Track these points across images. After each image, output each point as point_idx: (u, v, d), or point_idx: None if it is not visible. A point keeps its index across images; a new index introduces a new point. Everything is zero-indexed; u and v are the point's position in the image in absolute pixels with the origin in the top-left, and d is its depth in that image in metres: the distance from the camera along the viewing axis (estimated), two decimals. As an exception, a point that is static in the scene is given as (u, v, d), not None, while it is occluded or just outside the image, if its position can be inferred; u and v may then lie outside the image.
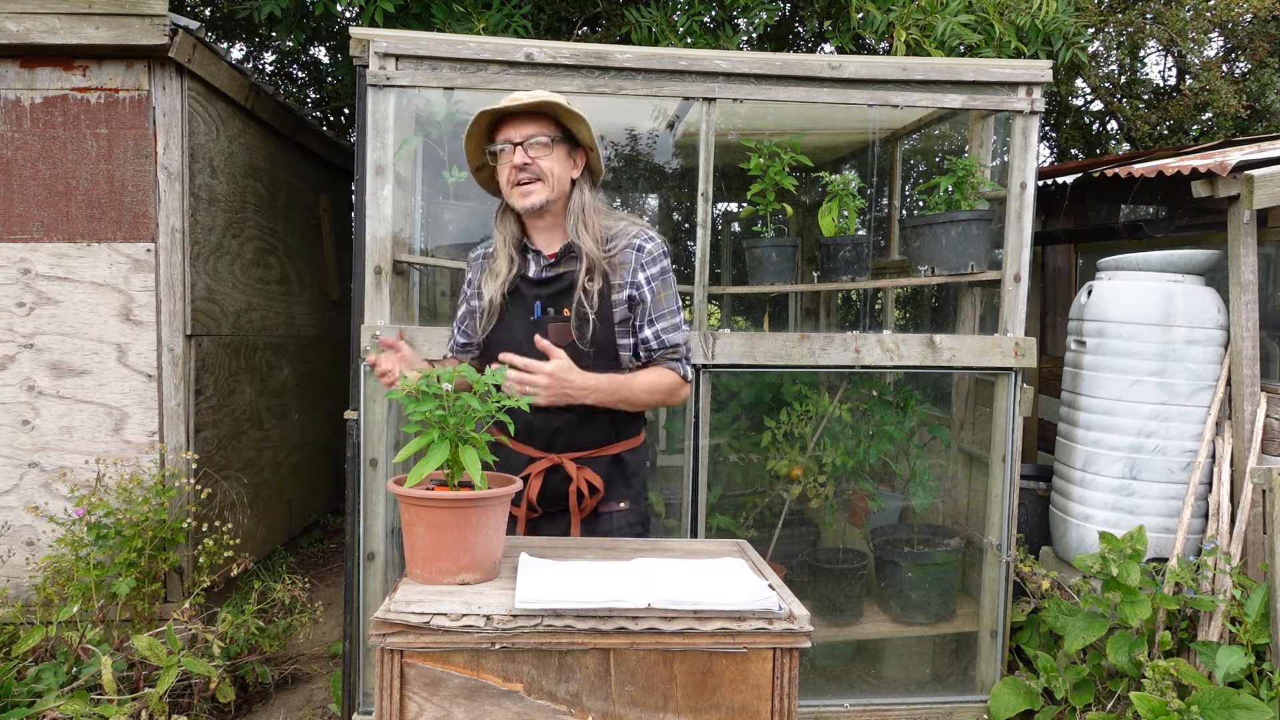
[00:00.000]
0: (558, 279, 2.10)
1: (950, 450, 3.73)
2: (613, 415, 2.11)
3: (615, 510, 2.16)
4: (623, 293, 2.09)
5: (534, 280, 2.12)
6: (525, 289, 2.12)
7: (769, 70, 2.91)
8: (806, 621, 1.47)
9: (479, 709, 1.43)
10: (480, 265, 2.21)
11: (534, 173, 2.03)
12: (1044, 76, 3.03)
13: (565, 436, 2.10)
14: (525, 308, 2.11)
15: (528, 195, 2.04)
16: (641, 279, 2.10)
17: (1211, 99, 6.15)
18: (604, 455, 2.14)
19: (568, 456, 2.10)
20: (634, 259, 2.10)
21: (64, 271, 3.18)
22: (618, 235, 2.12)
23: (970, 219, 3.11)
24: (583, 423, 2.08)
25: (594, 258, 2.06)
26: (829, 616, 3.36)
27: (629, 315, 2.10)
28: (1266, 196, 3.00)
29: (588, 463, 2.11)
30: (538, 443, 2.10)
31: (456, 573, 1.57)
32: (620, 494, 2.17)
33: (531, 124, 2.05)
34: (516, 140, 2.04)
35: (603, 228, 2.10)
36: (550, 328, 2.07)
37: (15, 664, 2.76)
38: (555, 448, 2.10)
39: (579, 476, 2.08)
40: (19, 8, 3.00)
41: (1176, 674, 2.68)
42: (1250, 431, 3.12)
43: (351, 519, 2.90)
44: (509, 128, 2.06)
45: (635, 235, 2.12)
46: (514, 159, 2.03)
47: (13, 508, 3.19)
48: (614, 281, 2.08)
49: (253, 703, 3.18)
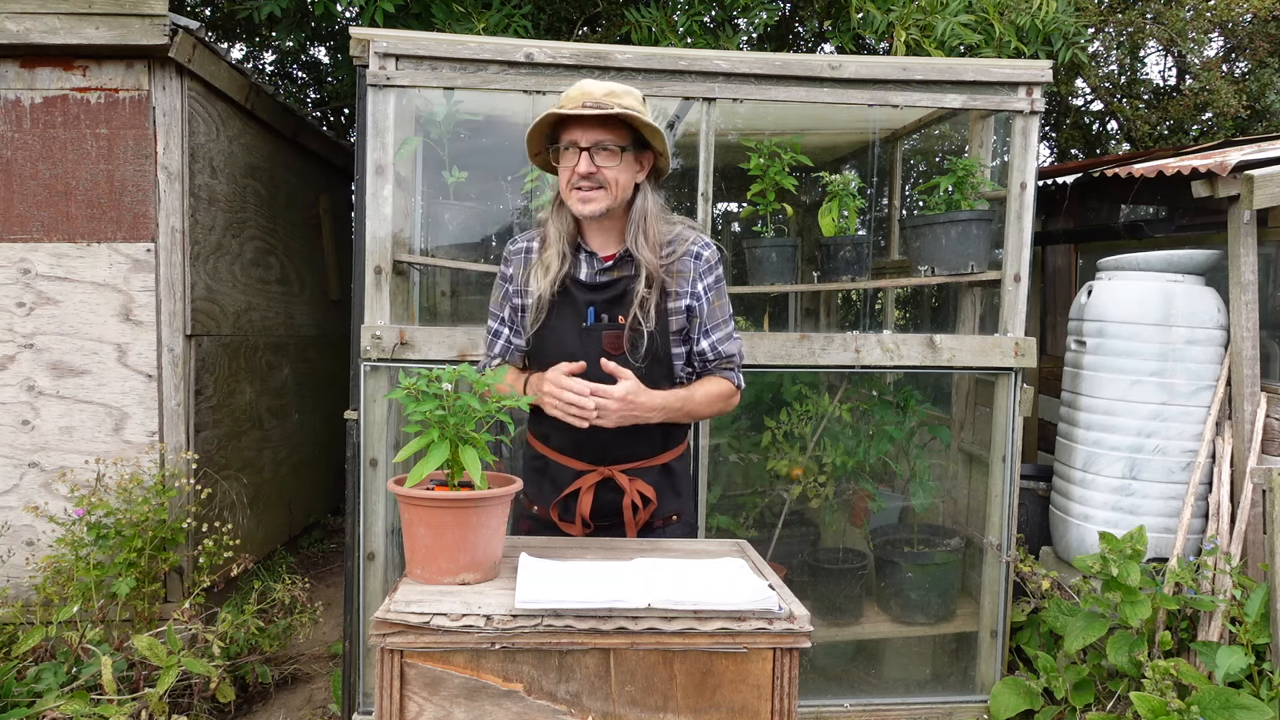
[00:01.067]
0: (612, 284, 1.99)
1: (950, 450, 3.73)
2: (663, 425, 2.03)
3: (669, 523, 2.10)
4: (680, 301, 2.01)
5: (586, 284, 2.01)
6: (576, 291, 2.00)
7: (769, 70, 2.91)
8: (806, 621, 1.47)
9: (479, 709, 1.43)
10: (523, 259, 2.07)
11: (598, 180, 1.91)
12: (1044, 76, 3.03)
13: (615, 449, 2.00)
14: (576, 311, 2.00)
15: (588, 203, 1.92)
16: (700, 289, 2.02)
17: (1211, 99, 6.16)
18: (654, 466, 2.06)
19: (618, 468, 2.01)
20: (692, 267, 2.02)
21: (64, 271, 3.18)
22: (675, 240, 2.03)
23: (970, 219, 3.11)
24: (632, 434, 1.99)
25: (653, 269, 1.96)
26: (829, 616, 3.36)
27: (685, 325, 2.03)
28: (1266, 196, 3.00)
29: (638, 474, 2.03)
30: (586, 456, 2.01)
31: (456, 573, 1.57)
32: (671, 505, 2.10)
33: (600, 129, 1.91)
34: (584, 145, 1.90)
35: (661, 234, 2.00)
36: (604, 335, 1.98)
37: (15, 664, 2.76)
38: (605, 460, 2.01)
39: (631, 489, 2.00)
40: (19, 8, 3.00)
41: (1176, 674, 2.68)
42: (1250, 431, 3.12)
43: (351, 519, 2.90)
44: (576, 128, 1.91)
45: (693, 241, 2.04)
46: (579, 166, 1.90)
47: (13, 508, 3.18)
48: (670, 289, 2.00)
49: (253, 703, 3.18)
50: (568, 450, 2.03)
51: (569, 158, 1.93)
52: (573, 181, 1.92)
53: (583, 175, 1.91)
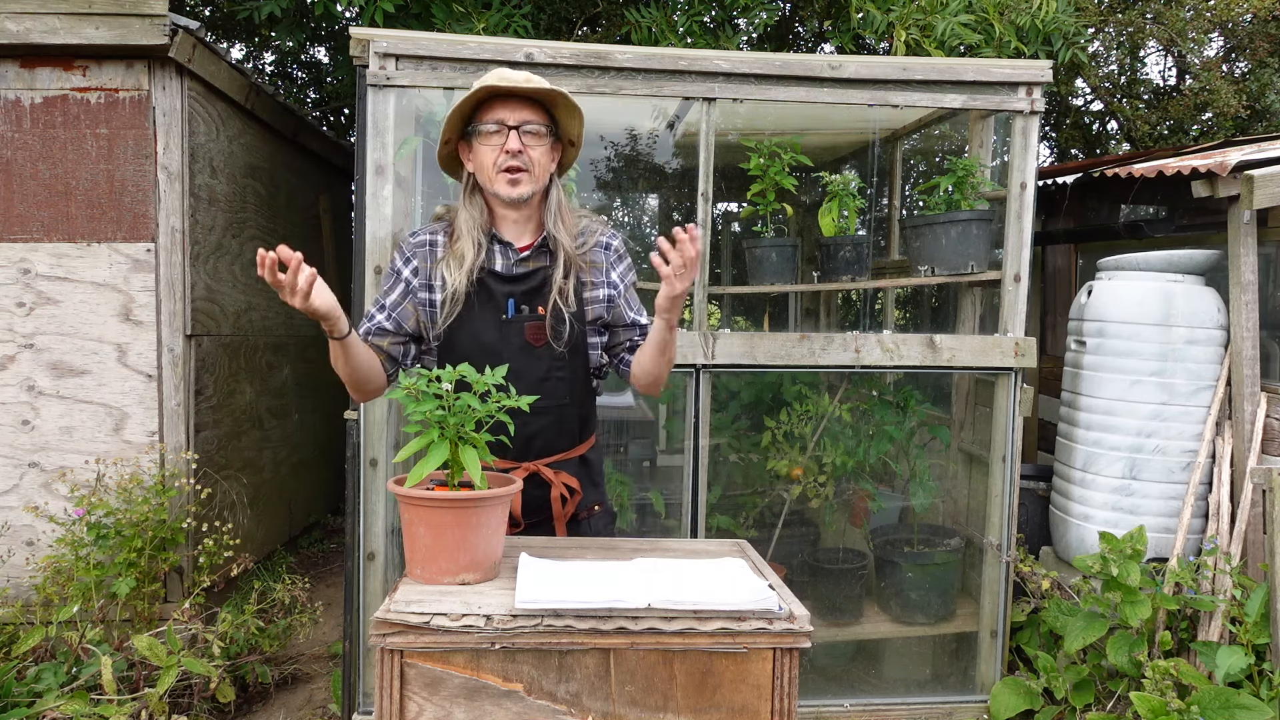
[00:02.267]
0: (530, 275, 2.00)
1: (950, 450, 3.73)
2: (581, 415, 2.06)
3: (593, 513, 2.12)
4: (597, 290, 2.04)
5: (503, 275, 1.99)
6: (493, 284, 1.99)
7: (769, 70, 2.91)
8: (806, 621, 1.47)
9: (479, 709, 1.43)
10: (427, 252, 2.03)
11: (523, 162, 1.92)
12: (1044, 76, 3.03)
13: (539, 443, 2.00)
14: (494, 305, 1.99)
15: (516, 184, 1.93)
16: (615, 277, 2.07)
17: (1211, 99, 6.16)
18: (573, 458, 2.08)
19: (542, 463, 2.01)
20: (604, 258, 2.06)
21: (64, 271, 3.18)
22: (584, 232, 2.06)
23: (970, 219, 3.11)
24: (556, 427, 2.01)
25: (570, 254, 1.98)
26: (829, 616, 3.36)
27: (603, 314, 2.06)
28: (1266, 196, 3.00)
29: (560, 466, 2.04)
30: (510, 453, 1.97)
31: (456, 573, 1.57)
32: (592, 496, 2.12)
33: (526, 109, 1.93)
34: (511, 124, 1.91)
35: (573, 224, 2.04)
36: (526, 326, 1.98)
37: (15, 664, 2.76)
38: (529, 456, 2.00)
39: (557, 481, 2.01)
40: (19, 8, 3.00)
41: (1176, 674, 2.68)
42: (1250, 431, 3.12)
43: (351, 519, 2.90)
44: (501, 108, 1.92)
45: (600, 233, 2.08)
46: (508, 143, 1.90)
47: (13, 508, 3.18)
48: (585, 279, 2.03)
49: (253, 703, 3.18)
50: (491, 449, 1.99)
51: (494, 138, 1.92)
52: (499, 163, 1.92)
53: (510, 152, 1.91)
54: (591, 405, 2.13)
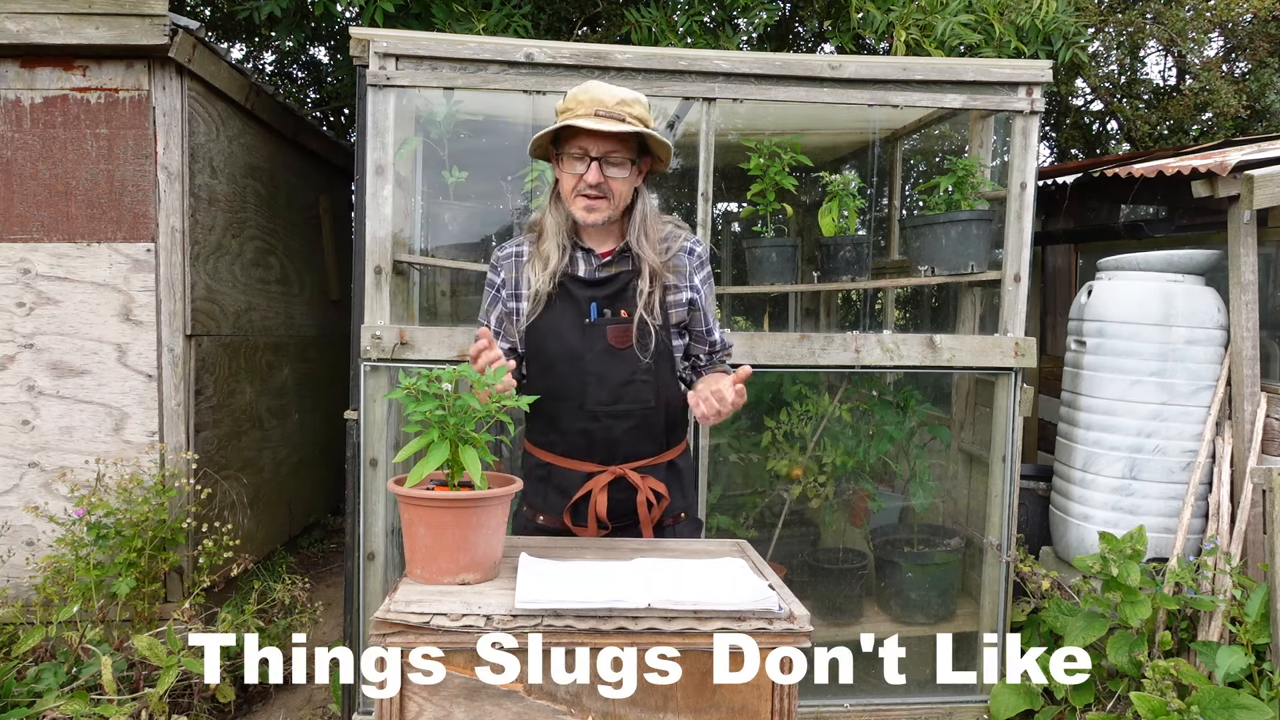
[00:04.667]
0: (612, 280, 2.00)
1: (950, 450, 3.73)
2: (667, 421, 2.05)
3: (679, 520, 2.10)
4: (680, 294, 2.04)
5: (585, 280, 2.00)
6: (575, 288, 2.00)
7: (769, 70, 2.91)
8: (806, 621, 1.47)
9: (479, 709, 1.43)
10: (514, 264, 2.06)
11: (604, 190, 1.92)
12: (1044, 76, 3.02)
13: (625, 447, 2.00)
14: (577, 308, 1.99)
15: (593, 212, 1.94)
16: (698, 282, 2.06)
17: (1211, 99, 6.16)
18: (660, 463, 2.06)
19: (629, 467, 2.01)
20: (687, 262, 2.06)
21: (64, 271, 3.18)
22: (668, 238, 2.06)
23: (970, 219, 3.11)
24: (640, 431, 2.01)
25: (656, 267, 1.98)
26: (829, 616, 3.36)
27: (685, 319, 2.06)
28: (1266, 196, 3.00)
29: (647, 471, 2.03)
30: (596, 456, 2.00)
31: (456, 573, 1.57)
32: (679, 503, 2.11)
33: (610, 140, 1.91)
34: (594, 155, 1.91)
35: (658, 232, 2.03)
36: (610, 330, 1.98)
37: (15, 664, 2.76)
38: (615, 459, 2.00)
39: (644, 486, 2.00)
40: (19, 8, 3.00)
41: (1176, 674, 2.68)
42: (1250, 431, 3.12)
43: (351, 519, 2.90)
44: (586, 138, 1.91)
45: (685, 238, 2.08)
46: (588, 175, 1.91)
47: (13, 508, 3.18)
48: (669, 284, 2.02)
49: (253, 703, 3.18)
50: (577, 453, 2.02)
51: (577, 164, 1.93)
52: (579, 189, 1.93)
53: (591, 185, 1.91)
54: (680, 412, 2.11)
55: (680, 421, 2.12)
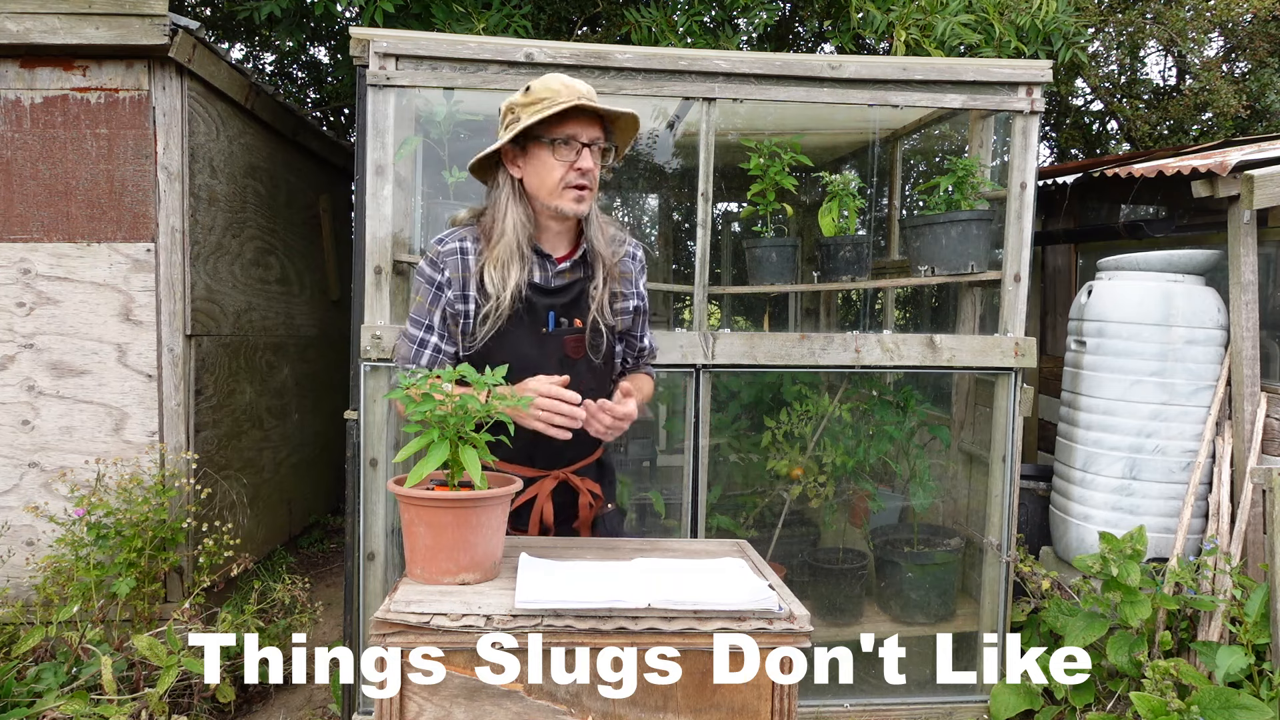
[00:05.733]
0: (568, 287, 1.98)
1: (950, 450, 3.73)
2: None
3: (607, 512, 2.16)
4: (628, 302, 2.05)
5: (542, 288, 1.96)
6: (533, 296, 1.95)
7: (769, 70, 2.91)
8: (806, 621, 1.47)
9: (479, 709, 1.43)
10: (459, 261, 1.94)
11: (590, 179, 1.90)
12: (1044, 76, 3.02)
13: (569, 453, 2.01)
14: (535, 317, 1.95)
15: (582, 202, 1.91)
16: (642, 287, 2.08)
17: (1211, 99, 6.16)
18: (592, 463, 2.10)
19: (569, 470, 2.04)
20: (633, 268, 2.07)
21: (64, 271, 3.18)
22: (613, 241, 2.05)
23: (970, 219, 3.11)
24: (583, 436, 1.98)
25: (610, 266, 1.97)
26: (829, 616, 3.36)
27: (628, 325, 2.07)
28: (1266, 196, 3.00)
29: (584, 473, 2.08)
30: (540, 462, 2.00)
31: (456, 573, 1.57)
32: (608, 496, 2.16)
33: (595, 126, 1.91)
34: (584, 141, 1.88)
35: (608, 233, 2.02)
36: (566, 340, 1.96)
37: (15, 664, 2.76)
38: (559, 464, 2.02)
39: (584, 488, 2.04)
40: (19, 8, 3.00)
41: (1176, 674, 2.68)
42: (1250, 431, 3.12)
43: (351, 519, 2.90)
44: (575, 124, 1.87)
45: (626, 242, 2.07)
46: (584, 162, 1.87)
47: (13, 508, 3.18)
48: (616, 290, 2.02)
49: (253, 703, 3.18)
50: (521, 459, 1.98)
51: (568, 153, 1.88)
52: (569, 179, 1.88)
53: (582, 170, 1.88)
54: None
55: None
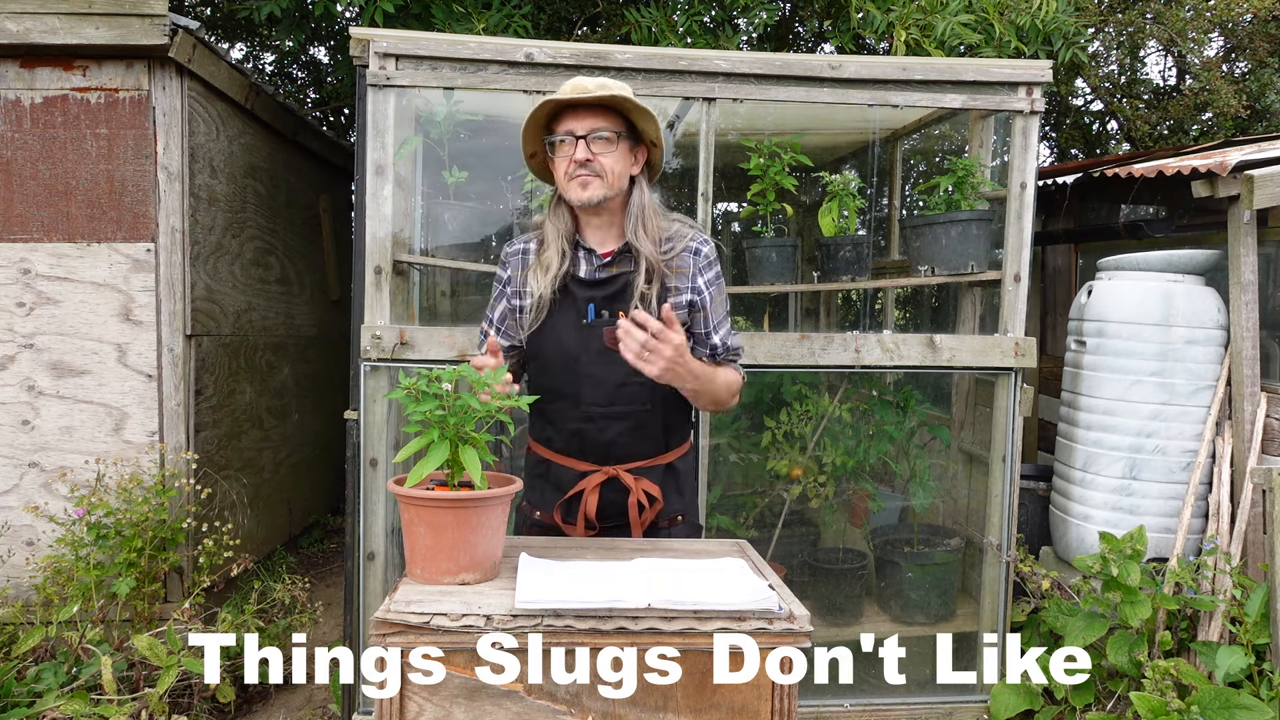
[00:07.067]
0: (611, 280, 1.98)
1: (950, 450, 3.73)
2: (665, 423, 2.03)
3: (674, 524, 2.08)
4: (681, 296, 2.00)
5: (585, 280, 1.99)
6: (575, 289, 1.99)
7: (769, 70, 2.91)
8: (806, 621, 1.47)
9: (479, 709, 1.43)
10: (520, 260, 2.06)
11: (594, 169, 1.91)
12: (1044, 76, 3.02)
13: (620, 448, 1.99)
14: (576, 309, 1.99)
15: (585, 187, 1.92)
16: (701, 284, 2.02)
17: (1211, 99, 6.16)
18: (658, 465, 2.04)
19: (622, 468, 1.99)
20: (691, 263, 2.01)
21: (64, 271, 3.18)
22: (674, 237, 2.02)
23: (970, 219, 3.11)
24: (636, 432, 1.99)
25: (653, 261, 1.96)
26: (829, 616, 3.35)
27: (687, 321, 2.02)
28: (1266, 196, 3.00)
29: (642, 473, 2.01)
30: (590, 456, 2.00)
31: (456, 573, 1.56)
32: (675, 505, 2.08)
33: (595, 117, 1.92)
34: (579, 133, 1.91)
35: (660, 229, 2.00)
36: (605, 331, 1.95)
37: (15, 664, 2.76)
38: (609, 460, 1.99)
39: (637, 487, 1.99)
40: (19, 8, 3.00)
41: (1176, 674, 2.68)
42: (1250, 431, 3.12)
43: (351, 519, 2.90)
44: (571, 119, 1.93)
45: (691, 238, 2.04)
46: (575, 153, 1.90)
47: (13, 508, 3.18)
48: (670, 284, 1.99)
49: (253, 703, 3.18)
50: (572, 451, 2.01)
51: (566, 148, 1.93)
52: (570, 171, 1.92)
53: (578, 162, 1.90)
54: (681, 413, 2.09)
55: (681, 423, 2.10)
